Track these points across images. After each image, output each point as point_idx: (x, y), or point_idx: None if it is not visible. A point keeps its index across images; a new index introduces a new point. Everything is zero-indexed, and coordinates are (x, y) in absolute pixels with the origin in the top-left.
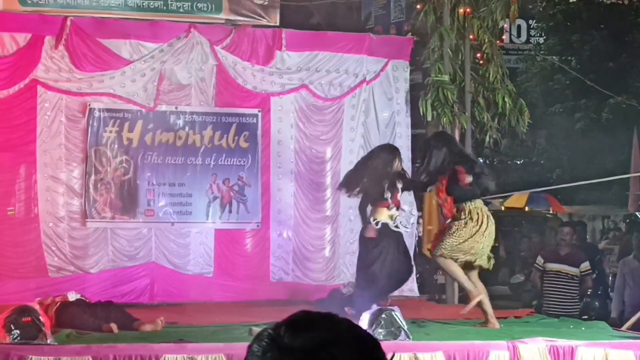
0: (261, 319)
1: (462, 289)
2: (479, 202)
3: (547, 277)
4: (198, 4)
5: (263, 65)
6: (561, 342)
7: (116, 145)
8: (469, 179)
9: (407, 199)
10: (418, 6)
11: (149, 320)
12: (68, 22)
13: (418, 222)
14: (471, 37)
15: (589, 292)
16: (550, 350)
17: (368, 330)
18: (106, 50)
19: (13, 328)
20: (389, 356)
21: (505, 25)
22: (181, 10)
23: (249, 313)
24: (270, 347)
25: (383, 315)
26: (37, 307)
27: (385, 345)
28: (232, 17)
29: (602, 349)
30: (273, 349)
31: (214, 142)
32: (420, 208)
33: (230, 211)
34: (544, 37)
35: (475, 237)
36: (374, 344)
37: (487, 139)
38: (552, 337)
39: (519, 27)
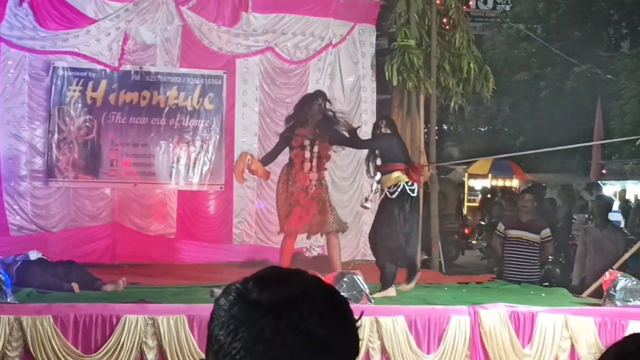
0: (223, 281)
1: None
2: None
3: (508, 243)
4: None
5: (229, 27)
6: (522, 308)
7: (80, 105)
8: None
9: None
10: None
11: (110, 281)
12: None
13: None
14: (438, 2)
15: (550, 259)
16: (511, 315)
17: None
18: (71, 9)
19: None
20: (356, 315)
21: None
22: None
23: (211, 275)
24: (237, 300)
25: (345, 279)
26: None
27: None
28: None
29: (562, 315)
30: (240, 302)
31: (178, 103)
32: None
33: (193, 173)
34: (510, 5)
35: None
36: (343, 301)
37: (452, 104)
38: (513, 302)
39: None
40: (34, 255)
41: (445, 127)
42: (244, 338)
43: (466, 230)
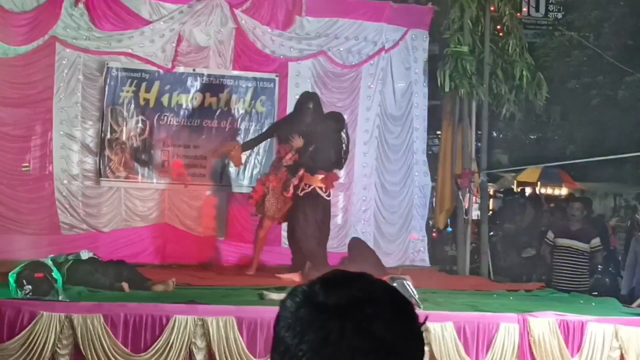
0: (272, 284)
1: (473, 260)
2: None
3: (557, 252)
4: None
5: (282, 30)
6: (571, 317)
7: (133, 105)
8: None
9: (421, 168)
10: None
11: (160, 281)
12: None
13: (431, 193)
14: (492, 8)
15: (599, 269)
16: (560, 324)
17: None
18: (126, 10)
19: (25, 283)
20: (421, 319)
21: None
22: None
23: (260, 277)
24: (303, 303)
25: (394, 284)
26: (49, 263)
27: None
28: None
29: (612, 325)
30: (307, 305)
31: (230, 105)
32: (434, 179)
33: (244, 175)
34: (563, 13)
35: None
36: (408, 305)
37: (504, 111)
38: (562, 311)
39: (537, 1)
40: (85, 254)
41: (495, 134)
42: (311, 340)
43: None
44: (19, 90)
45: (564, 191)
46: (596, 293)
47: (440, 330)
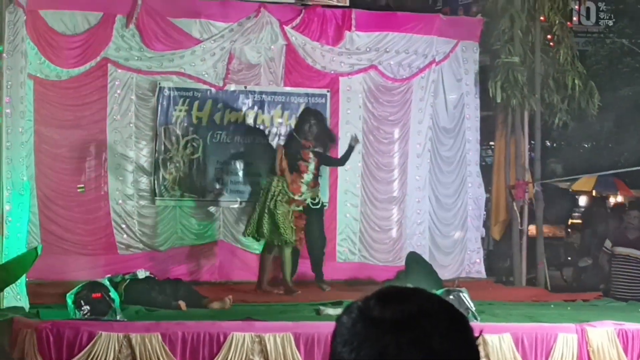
0: (328, 299)
1: (530, 270)
2: None
3: (616, 260)
4: None
5: (332, 46)
6: (630, 326)
7: (185, 124)
8: None
9: (475, 180)
10: None
11: (217, 298)
12: (139, 1)
13: (486, 204)
14: (542, 18)
15: None
16: (619, 333)
17: None
18: (177, 29)
19: (83, 304)
20: (477, 332)
21: (576, 7)
22: None
23: (316, 293)
24: (359, 318)
25: (451, 297)
26: (106, 283)
27: None
28: None
29: None
30: (362, 320)
31: (282, 121)
32: (488, 191)
33: None
34: (614, 20)
35: None
36: (463, 318)
37: (557, 121)
38: (620, 320)
39: (587, 9)
40: (141, 273)
41: (548, 143)
42: (368, 355)
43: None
44: (72, 112)
45: (619, 199)
46: None
47: (498, 342)
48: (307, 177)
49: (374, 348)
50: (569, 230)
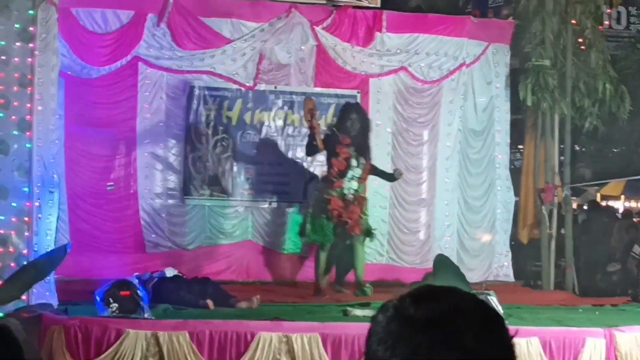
0: (355, 300)
1: (557, 274)
2: None
3: None
4: None
5: (363, 47)
6: None
7: (215, 123)
8: None
9: (504, 183)
10: None
11: (245, 298)
12: (170, 0)
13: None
14: (573, 21)
15: None
16: None
17: None
18: (207, 29)
19: (112, 301)
20: (512, 332)
21: (607, 11)
22: None
23: (344, 294)
24: (394, 317)
25: None
26: (135, 281)
27: None
28: None
29: None
30: (397, 319)
31: None
32: (517, 194)
33: None
34: None
35: None
36: (499, 317)
37: (587, 125)
38: None
39: (618, 13)
40: (169, 272)
41: (578, 147)
42: (402, 353)
43: None
44: (103, 110)
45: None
46: None
47: (526, 346)
48: (350, 174)
49: (408, 347)
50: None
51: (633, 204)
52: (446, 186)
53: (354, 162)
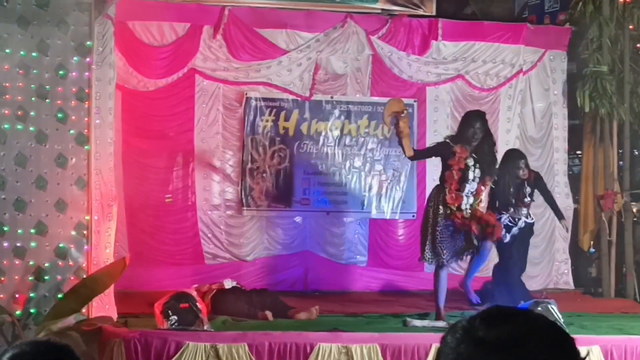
0: (416, 310)
1: (618, 281)
2: None
3: None
4: None
5: (419, 55)
6: None
7: (272, 134)
8: None
9: (562, 190)
10: None
11: (303, 309)
12: (226, 12)
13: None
14: (631, 27)
15: None
16: None
17: None
18: (263, 40)
19: (171, 314)
20: (583, 354)
21: None
22: (337, 0)
23: (404, 303)
24: (464, 338)
25: (539, 308)
26: (194, 293)
27: None
28: (388, 6)
29: None
30: (467, 340)
31: (369, 131)
32: (576, 200)
33: (385, 201)
34: None
35: None
36: (570, 339)
37: None
38: None
39: None
40: (228, 283)
41: (637, 153)
42: None
43: None
44: (160, 122)
45: None
46: None
47: (585, 354)
48: (467, 188)
49: None
50: None
51: None
52: None
53: (470, 175)
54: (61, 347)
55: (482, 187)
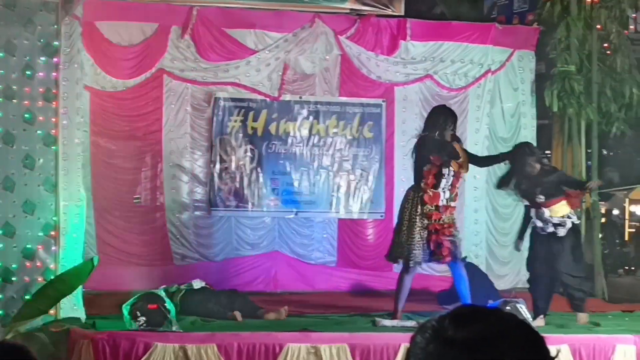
0: (384, 309)
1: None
2: None
3: None
4: None
5: (387, 55)
6: None
7: (241, 135)
8: None
9: None
10: None
11: (272, 309)
12: (194, 12)
13: None
14: (598, 27)
15: None
16: None
17: None
18: (231, 40)
19: (139, 315)
20: (553, 353)
21: (632, 15)
22: (306, 0)
23: (372, 303)
24: (433, 338)
25: (508, 307)
26: (162, 294)
27: None
28: (357, 6)
29: None
30: (436, 340)
31: (337, 131)
32: None
33: (354, 201)
34: None
35: None
36: (540, 340)
37: (614, 129)
38: None
39: None
40: (197, 284)
41: (605, 152)
42: None
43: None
44: (128, 123)
45: None
46: None
47: (555, 354)
48: (445, 181)
49: None
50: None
51: None
52: (475, 193)
53: (445, 171)
54: (18, 348)
55: (457, 181)
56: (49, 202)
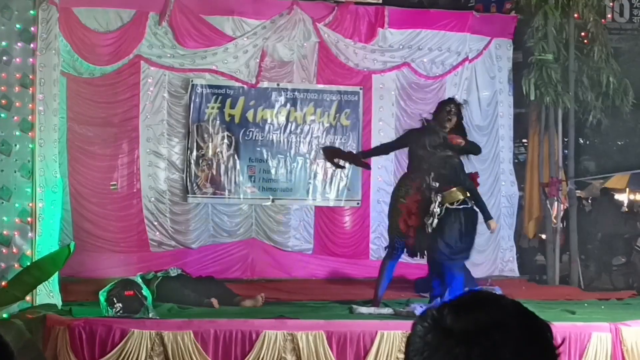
0: (361, 297)
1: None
2: None
3: None
4: None
5: (365, 43)
6: None
7: (218, 122)
8: None
9: (508, 177)
10: None
11: (249, 296)
12: None
13: (519, 203)
14: (575, 15)
15: None
16: None
17: None
18: (209, 27)
19: (116, 301)
20: (559, 340)
21: (610, 4)
22: None
23: (349, 291)
24: (432, 327)
25: None
26: (139, 281)
27: None
28: None
29: None
30: (435, 329)
31: (315, 119)
32: (521, 188)
33: (330, 188)
34: None
35: None
36: (543, 329)
37: (591, 118)
38: None
39: (621, 6)
40: (174, 271)
41: (582, 141)
42: None
43: None
44: (105, 109)
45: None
46: None
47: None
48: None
49: (444, 359)
50: None
51: (638, 196)
52: None
53: None
54: None
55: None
56: (26, 188)
